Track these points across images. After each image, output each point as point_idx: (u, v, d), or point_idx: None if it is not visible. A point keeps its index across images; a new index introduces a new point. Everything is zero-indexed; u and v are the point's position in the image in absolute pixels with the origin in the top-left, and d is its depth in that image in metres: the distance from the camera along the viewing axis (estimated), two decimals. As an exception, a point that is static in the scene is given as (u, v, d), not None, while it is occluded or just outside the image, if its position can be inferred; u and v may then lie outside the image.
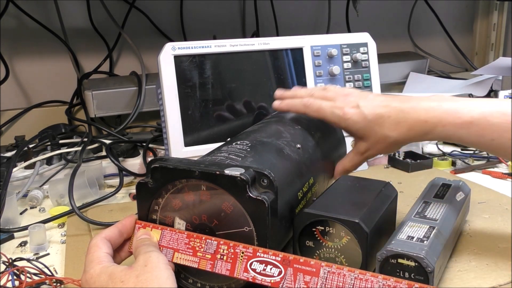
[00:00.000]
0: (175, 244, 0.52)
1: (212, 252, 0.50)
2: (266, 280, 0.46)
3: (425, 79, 1.43)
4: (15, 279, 0.60)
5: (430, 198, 0.69)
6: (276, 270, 0.47)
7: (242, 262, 0.48)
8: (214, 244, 0.50)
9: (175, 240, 0.52)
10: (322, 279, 0.45)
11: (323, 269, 0.45)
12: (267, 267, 0.47)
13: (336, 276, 0.45)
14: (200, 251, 0.50)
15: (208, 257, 0.50)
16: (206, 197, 0.53)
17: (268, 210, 0.50)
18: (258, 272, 0.47)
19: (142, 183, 0.55)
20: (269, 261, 0.47)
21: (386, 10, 1.60)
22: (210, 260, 0.49)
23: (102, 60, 1.26)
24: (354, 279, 0.45)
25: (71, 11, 1.22)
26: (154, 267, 0.49)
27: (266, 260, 0.47)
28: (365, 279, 0.45)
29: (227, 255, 0.49)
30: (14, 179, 0.91)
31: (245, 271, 0.47)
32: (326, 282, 0.45)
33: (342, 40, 0.97)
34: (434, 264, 0.53)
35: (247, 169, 0.51)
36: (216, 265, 0.49)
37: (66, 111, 1.18)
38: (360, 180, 0.69)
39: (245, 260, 0.48)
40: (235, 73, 0.90)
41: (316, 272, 0.45)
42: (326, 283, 0.45)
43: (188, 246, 0.51)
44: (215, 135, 0.88)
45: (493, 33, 1.72)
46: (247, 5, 1.40)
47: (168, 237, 0.53)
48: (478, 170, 0.99)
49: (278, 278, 0.46)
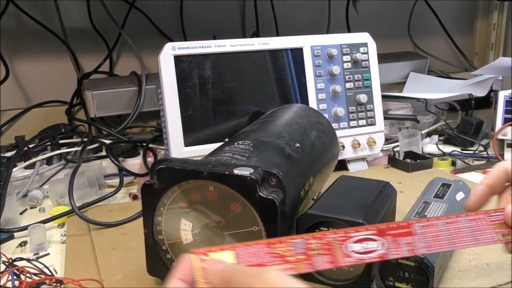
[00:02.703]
0: (257, 258, 0.42)
1: (303, 251, 0.43)
2: (372, 257, 0.43)
3: (425, 79, 1.43)
4: (15, 279, 0.60)
5: (430, 198, 0.69)
6: (375, 243, 0.44)
7: (339, 249, 0.43)
8: (300, 242, 0.43)
9: (255, 254, 0.42)
10: (419, 235, 0.44)
11: (414, 226, 0.44)
12: (366, 243, 0.43)
13: (429, 227, 0.44)
14: (290, 255, 0.43)
15: (302, 257, 0.43)
16: (213, 197, 0.53)
17: (278, 209, 0.50)
18: (359, 252, 0.43)
19: (148, 184, 0.55)
20: (365, 237, 0.43)
21: (386, 10, 1.60)
22: (306, 260, 0.43)
23: (102, 60, 1.26)
24: (445, 224, 0.44)
25: (71, 11, 1.22)
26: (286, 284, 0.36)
27: (362, 238, 0.43)
28: (454, 221, 0.44)
29: (321, 248, 0.43)
30: (14, 179, 0.91)
31: (346, 256, 0.43)
32: (424, 236, 0.44)
33: (342, 40, 0.97)
34: (434, 264, 0.53)
35: (256, 168, 0.51)
36: (315, 263, 0.43)
37: (66, 111, 1.18)
38: (360, 180, 0.69)
39: (340, 246, 0.43)
40: (235, 73, 0.90)
41: (410, 231, 0.44)
42: (425, 237, 0.44)
43: (273, 255, 0.42)
44: (215, 135, 0.88)
45: (493, 33, 1.72)
46: (247, 5, 1.40)
47: (245, 254, 0.42)
48: (478, 170, 0.99)
49: (382, 250, 0.44)
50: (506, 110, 1.05)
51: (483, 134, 1.15)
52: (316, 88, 0.95)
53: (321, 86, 0.95)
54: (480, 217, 0.45)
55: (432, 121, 1.21)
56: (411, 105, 1.23)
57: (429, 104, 1.22)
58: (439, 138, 1.15)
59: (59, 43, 1.19)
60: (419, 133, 1.06)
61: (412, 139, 1.05)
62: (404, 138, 1.05)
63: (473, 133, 1.13)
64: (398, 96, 1.27)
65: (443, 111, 1.29)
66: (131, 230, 0.75)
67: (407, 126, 1.17)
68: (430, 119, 1.21)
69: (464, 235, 0.45)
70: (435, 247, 0.44)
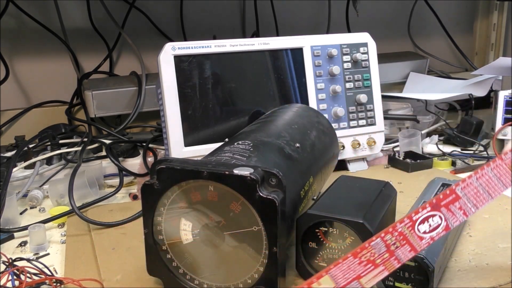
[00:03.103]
0: (352, 272, 0.44)
1: (385, 249, 0.45)
2: (440, 232, 0.45)
3: (425, 79, 1.43)
4: (15, 279, 0.60)
5: (430, 198, 0.69)
6: (436, 218, 0.46)
7: (412, 235, 0.45)
8: (378, 241, 0.45)
9: (349, 269, 0.44)
10: (464, 197, 0.46)
11: (457, 190, 0.46)
12: (430, 221, 0.46)
13: (467, 187, 0.46)
14: (376, 257, 0.45)
15: (386, 256, 0.44)
16: (213, 197, 0.53)
17: (278, 209, 0.50)
18: (428, 231, 0.45)
19: (148, 184, 0.55)
20: (427, 215, 0.46)
21: (386, 10, 1.60)
22: (391, 257, 0.44)
23: (102, 60, 1.26)
24: (477, 180, 0.46)
25: (71, 11, 1.22)
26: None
27: (424, 217, 0.46)
28: (482, 174, 0.47)
29: (397, 240, 0.45)
30: (14, 179, 0.91)
31: (420, 239, 0.45)
32: (467, 197, 0.46)
33: (342, 40, 0.97)
34: (434, 264, 0.53)
35: (256, 168, 0.51)
36: (400, 256, 0.45)
37: (66, 111, 1.18)
38: (360, 180, 0.69)
39: (411, 232, 0.45)
40: (235, 73, 0.90)
41: (456, 196, 0.46)
42: (468, 198, 0.46)
43: (364, 263, 0.44)
44: (215, 135, 0.88)
45: (493, 33, 1.72)
46: (247, 5, 1.40)
47: (339, 273, 0.44)
48: (478, 170, 0.99)
49: (444, 222, 0.46)
50: (506, 110, 1.05)
51: (483, 134, 1.15)
52: (316, 88, 0.95)
53: (321, 86, 0.96)
54: (498, 163, 0.47)
55: (432, 121, 1.21)
56: (411, 105, 1.23)
57: (429, 104, 1.22)
58: (439, 138, 1.15)
59: (59, 43, 1.19)
60: (419, 133, 1.06)
61: (412, 139, 1.05)
62: (404, 138, 1.05)
63: (473, 133, 1.13)
64: (398, 96, 1.27)
65: (443, 111, 1.29)
66: (131, 230, 0.75)
67: (407, 126, 1.17)
68: (430, 119, 1.21)
69: (494, 184, 0.47)
70: (480, 203, 0.46)
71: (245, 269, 0.53)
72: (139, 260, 0.63)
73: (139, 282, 0.61)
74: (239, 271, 0.53)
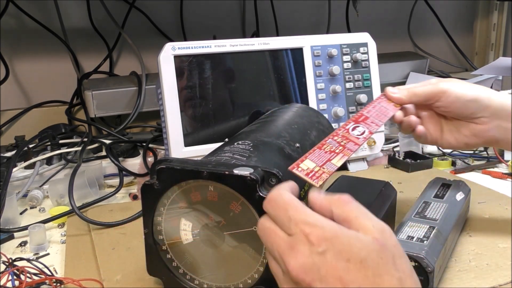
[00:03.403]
0: (323, 157, 0.54)
1: (337, 145, 0.56)
2: (367, 135, 0.60)
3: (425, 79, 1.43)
4: (15, 279, 0.60)
5: (430, 198, 0.69)
6: (360, 128, 0.61)
7: (350, 136, 0.59)
8: (331, 141, 0.57)
9: (320, 156, 0.54)
10: (370, 118, 0.64)
11: (364, 113, 0.64)
12: (357, 129, 0.60)
13: (370, 112, 0.65)
14: (335, 149, 0.55)
15: (341, 148, 0.56)
16: (213, 197, 0.53)
17: None
18: (359, 134, 0.59)
19: (148, 184, 0.55)
20: (353, 126, 0.61)
21: (386, 10, 1.60)
22: (344, 149, 0.56)
23: (102, 60, 1.26)
24: (373, 108, 0.66)
25: (71, 11, 1.22)
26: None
27: (353, 127, 0.61)
28: (375, 105, 0.67)
29: (343, 139, 0.58)
30: (14, 179, 0.91)
31: (357, 139, 0.58)
32: (372, 117, 0.64)
33: (342, 40, 0.97)
34: (434, 264, 0.54)
35: (256, 168, 0.51)
36: (349, 147, 0.56)
37: (66, 111, 1.18)
38: (360, 180, 0.69)
39: (349, 134, 0.59)
40: (235, 73, 0.90)
41: (366, 117, 0.64)
42: (373, 116, 0.64)
43: (327, 152, 0.55)
44: (215, 135, 0.88)
45: (493, 33, 1.72)
46: (247, 5, 1.40)
47: (315, 158, 0.53)
48: (478, 170, 0.99)
49: (366, 129, 0.61)
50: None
51: (483, 134, 1.15)
52: (316, 88, 0.95)
53: (321, 86, 0.96)
54: (382, 98, 0.69)
55: (432, 121, 1.21)
56: (411, 105, 1.22)
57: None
58: (439, 138, 1.15)
59: (59, 43, 1.19)
60: (419, 133, 1.06)
61: (412, 139, 1.05)
62: (404, 138, 1.05)
63: (473, 133, 1.12)
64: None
65: (443, 111, 1.29)
66: (131, 230, 0.75)
67: (407, 126, 1.17)
68: (430, 119, 1.21)
69: (384, 109, 0.66)
70: (381, 120, 0.64)
71: (245, 269, 0.53)
72: (139, 260, 0.63)
73: (139, 282, 0.61)
74: (239, 271, 0.53)
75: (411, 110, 0.68)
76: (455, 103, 0.64)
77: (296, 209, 0.43)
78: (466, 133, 0.66)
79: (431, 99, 0.66)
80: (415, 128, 0.68)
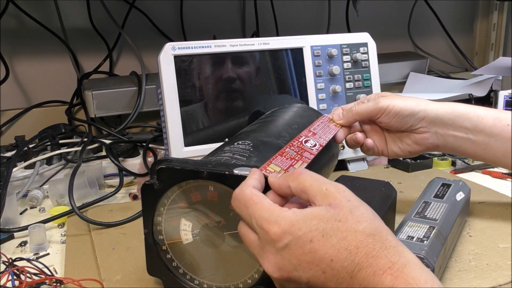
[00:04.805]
0: (286, 163, 0.54)
1: (295, 154, 0.58)
2: (318, 147, 0.62)
3: (425, 79, 1.43)
4: (15, 279, 0.60)
5: (430, 198, 0.69)
6: (311, 141, 0.63)
7: (305, 147, 0.61)
8: (290, 150, 0.58)
9: (283, 162, 0.54)
10: (317, 134, 0.67)
11: (311, 129, 0.68)
12: (309, 142, 0.62)
13: (317, 129, 0.68)
14: (295, 157, 0.57)
15: (299, 156, 0.57)
16: (213, 197, 0.53)
17: None
18: (311, 147, 0.62)
19: (148, 184, 0.55)
20: (305, 139, 0.63)
21: (386, 10, 1.60)
22: (302, 157, 0.57)
23: (102, 60, 1.26)
24: (320, 126, 0.70)
25: (71, 11, 1.22)
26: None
27: (305, 140, 0.63)
28: (322, 126, 0.70)
29: (300, 149, 0.59)
30: (14, 179, 0.91)
31: (310, 150, 0.60)
32: (319, 134, 0.67)
33: (342, 40, 0.97)
34: (434, 264, 0.53)
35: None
36: (306, 156, 0.58)
37: (66, 111, 1.18)
38: (360, 180, 0.69)
39: (303, 145, 0.61)
40: (235, 73, 0.90)
41: (313, 133, 0.66)
42: (320, 133, 0.67)
43: (289, 159, 0.56)
44: (215, 135, 0.88)
45: (493, 33, 1.72)
46: (247, 5, 1.40)
47: (279, 163, 0.54)
48: (478, 170, 0.99)
49: (317, 142, 0.63)
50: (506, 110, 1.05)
51: (483, 134, 1.14)
52: (316, 88, 0.95)
53: (321, 86, 0.96)
54: (325, 118, 0.73)
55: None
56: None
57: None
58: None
59: (59, 43, 1.19)
60: (419, 133, 1.06)
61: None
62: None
63: (473, 133, 1.12)
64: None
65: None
66: (131, 230, 0.75)
67: (407, 126, 1.17)
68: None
69: (327, 128, 0.70)
70: (327, 137, 0.67)
71: (245, 269, 0.53)
72: (139, 260, 0.63)
73: (139, 282, 0.61)
74: (239, 271, 0.53)
75: (357, 127, 0.74)
76: (395, 118, 0.70)
77: (254, 205, 0.45)
78: (408, 142, 0.72)
79: (373, 116, 0.71)
80: (363, 143, 0.73)
